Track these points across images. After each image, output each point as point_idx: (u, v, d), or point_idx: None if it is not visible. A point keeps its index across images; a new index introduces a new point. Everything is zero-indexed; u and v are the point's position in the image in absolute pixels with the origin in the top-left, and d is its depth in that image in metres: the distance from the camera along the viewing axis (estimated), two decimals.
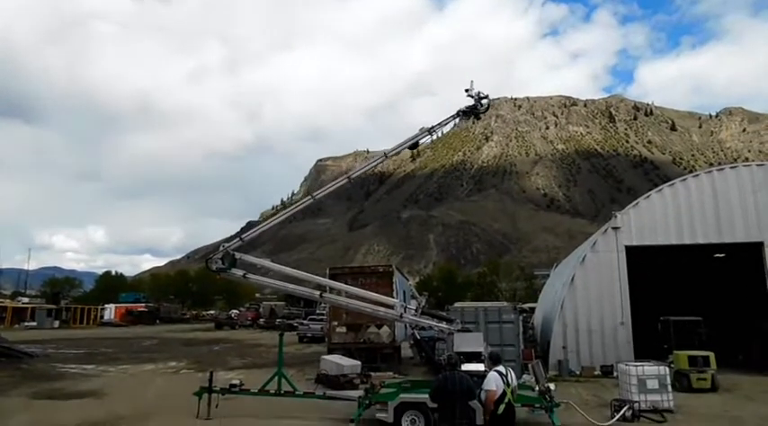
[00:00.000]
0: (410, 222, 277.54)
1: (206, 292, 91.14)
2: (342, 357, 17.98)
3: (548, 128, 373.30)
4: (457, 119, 12.38)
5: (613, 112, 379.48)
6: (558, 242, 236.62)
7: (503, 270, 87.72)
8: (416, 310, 11.77)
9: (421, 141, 11.96)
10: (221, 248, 11.90)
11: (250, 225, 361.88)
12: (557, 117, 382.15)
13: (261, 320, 55.36)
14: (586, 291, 20.20)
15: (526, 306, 40.96)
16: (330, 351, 20.02)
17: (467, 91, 11.72)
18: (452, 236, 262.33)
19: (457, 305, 20.67)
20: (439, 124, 12.13)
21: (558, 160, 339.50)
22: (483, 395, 7.57)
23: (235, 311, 67.56)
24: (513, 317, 17.69)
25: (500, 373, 7.55)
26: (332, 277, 19.33)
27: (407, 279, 29.01)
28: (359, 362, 17.46)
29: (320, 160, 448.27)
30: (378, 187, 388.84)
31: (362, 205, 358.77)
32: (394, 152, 12.34)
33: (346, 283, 16.21)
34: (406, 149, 12.34)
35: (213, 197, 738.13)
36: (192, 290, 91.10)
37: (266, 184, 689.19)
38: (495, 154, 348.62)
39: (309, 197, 12.13)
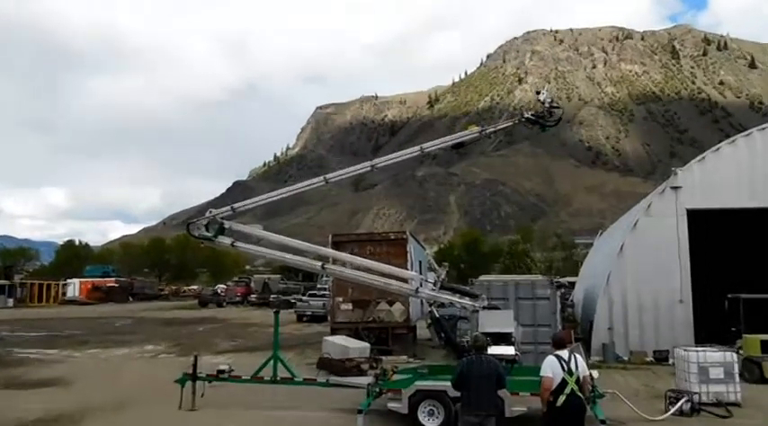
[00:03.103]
0: (427, 181, 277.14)
1: (187, 264, 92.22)
2: (347, 338, 18.22)
3: (595, 66, 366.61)
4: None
5: (677, 47, 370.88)
6: (603, 204, 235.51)
7: (537, 237, 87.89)
8: (435, 284, 11.81)
9: (468, 141, 11.78)
10: (208, 213, 11.94)
11: (237, 185, 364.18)
12: (606, 53, 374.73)
13: (252, 296, 56.09)
14: (638, 263, 20.14)
15: (565, 280, 40.90)
16: (334, 332, 20.28)
17: (537, 93, 11.60)
18: (477, 198, 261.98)
19: (483, 278, 20.74)
20: (494, 127, 11.94)
21: (607, 106, 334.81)
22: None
23: (222, 286, 68.48)
24: (549, 293, 17.74)
25: (559, 358, 7.53)
26: (335, 245, 19.42)
27: (424, 248, 29.13)
28: (367, 344, 17.71)
29: (320, 107, 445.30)
30: (388, 139, 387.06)
31: (370, 159, 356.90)
32: (432, 147, 12.20)
33: (352, 253, 16.23)
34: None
35: (194, 152, 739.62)
36: (170, 262, 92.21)
37: (256, 137, 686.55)
38: (530, 98, 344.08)
39: (322, 178, 12.08)
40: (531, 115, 11.51)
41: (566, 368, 7.43)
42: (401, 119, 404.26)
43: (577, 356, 7.77)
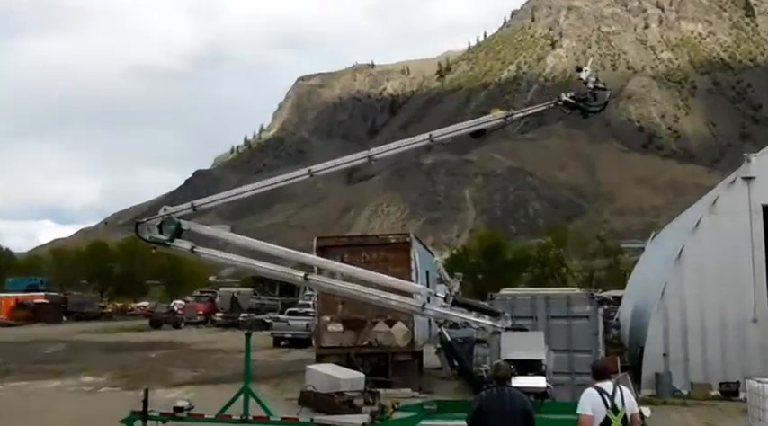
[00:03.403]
0: (436, 170, 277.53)
1: (136, 275, 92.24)
2: (337, 367, 18.25)
3: (647, 26, 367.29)
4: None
5: (752, 1, 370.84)
6: (657, 199, 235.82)
7: (573, 240, 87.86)
8: (446, 299, 11.84)
9: (489, 127, 11.81)
10: (162, 211, 11.93)
11: (198, 176, 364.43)
12: (662, 9, 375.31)
13: (217, 315, 56.28)
14: (701, 272, 20.17)
15: (608, 294, 41.15)
16: (320, 359, 20.31)
17: (579, 70, 11.65)
18: (499, 191, 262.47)
19: (506, 292, 20.78)
20: (523, 112, 11.99)
21: (663, 76, 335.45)
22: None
23: (179, 302, 68.55)
24: (589, 310, 17.81)
25: (601, 391, 7.52)
26: (321, 251, 19.44)
27: (432, 255, 29.22)
28: (362, 374, 17.74)
29: (302, 79, 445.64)
30: (388, 118, 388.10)
31: (366, 145, 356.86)
32: (444, 135, 12.19)
33: (343, 260, 16.20)
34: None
35: (144, 135, 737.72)
36: (114, 272, 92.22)
37: (223, 116, 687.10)
38: (565, 66, 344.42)
39: (306, 171, 12.08)
40: (571, 98, 11.57)
41: (609, 404, 7.43)
42: (404, 92, 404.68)
43: (624, 389, 7.78)
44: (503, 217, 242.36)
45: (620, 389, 7.67)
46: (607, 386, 7.62)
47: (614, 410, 7.41)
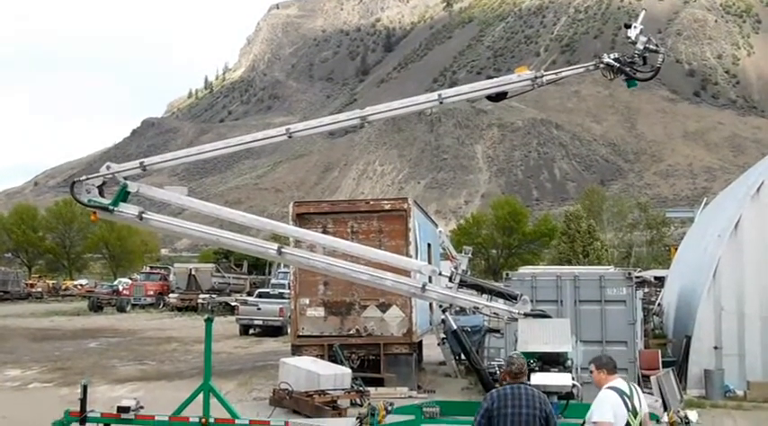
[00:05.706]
0: (441, 121, 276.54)
1: (72, 247, 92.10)
2: (317, 360, 18.32)
3: None
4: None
5: None
6: (711, 157, 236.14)
7: (609, 208, 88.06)
8: (451, 278, 11.88)
9: (514, 90, 11.72)
10: (105, 169, 11.86)
11: (148, 125, 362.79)
12: None
13: (171, 296, 56.33)
14: (762, 247, 20.20)
15: (649, 273, 41.31)
16: (296, 351, 20.39)
17: (627, 27, 11.56)
18: (518, 148, 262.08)
19: (525, 270, 20.83)
20: (555, 74, 11.88)
21: (720, 7, 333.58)
22: None
23: (125, 280, 68.61)
24: (626, 293, 17.85)
25: (620, 392, 7.55)
26: (299, 219, 19.41)
27: (436, 225, 29.18)
28: (347, 370, 17.82)
29: (276, 6, 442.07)
30: (383, 57, 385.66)
31: (354, 89, 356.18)
32: (457, 96, 12.05)
33: (326, 231, 16.23)
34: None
35: (82, 77, 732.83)
36: (45, 243, 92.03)
37: (178, 54, 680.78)
38: None
39: (282, 130, 11.91)
40: (614, 60, 11.55)
41: (630, 406, 7.47)
42: (402, 25, 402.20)
43: (638, 389, 7.83)
44: (523, 180, 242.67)
45: (636, 389, 7.72)
46: (622, 384, 7.65)
47: (634, 413, 7.44)
